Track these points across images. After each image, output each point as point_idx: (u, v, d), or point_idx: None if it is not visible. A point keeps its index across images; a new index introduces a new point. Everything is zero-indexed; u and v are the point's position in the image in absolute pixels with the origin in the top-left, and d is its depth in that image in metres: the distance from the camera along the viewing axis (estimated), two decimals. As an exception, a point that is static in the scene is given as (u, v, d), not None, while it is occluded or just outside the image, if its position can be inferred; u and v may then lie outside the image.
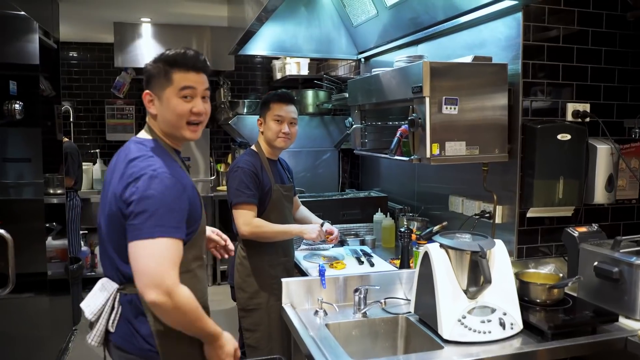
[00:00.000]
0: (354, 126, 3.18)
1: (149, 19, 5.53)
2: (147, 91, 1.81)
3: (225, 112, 5.18)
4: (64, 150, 4.77)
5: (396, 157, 2.57)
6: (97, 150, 6.64)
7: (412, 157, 2.48)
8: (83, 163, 5.70)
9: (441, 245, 2.00)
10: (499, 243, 2.03)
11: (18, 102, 2.74)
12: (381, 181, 4.20)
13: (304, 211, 3.18)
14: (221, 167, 6.38)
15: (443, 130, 2.38)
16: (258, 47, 4.24)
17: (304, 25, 4.22)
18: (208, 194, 5.83)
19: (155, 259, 1.59)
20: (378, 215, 3.45)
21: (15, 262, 2.40)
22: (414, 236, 2.55)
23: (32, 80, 3.31)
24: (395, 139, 2.50)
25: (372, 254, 3.06)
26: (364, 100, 3.09)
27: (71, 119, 6.40)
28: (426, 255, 2.01)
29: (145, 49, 5.77)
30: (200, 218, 1.83)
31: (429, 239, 2.53)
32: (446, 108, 2.36)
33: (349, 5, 3.95)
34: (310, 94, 4.73)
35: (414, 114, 2.42)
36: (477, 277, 1.96)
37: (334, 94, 4.13)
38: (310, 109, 4.72)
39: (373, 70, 3.00)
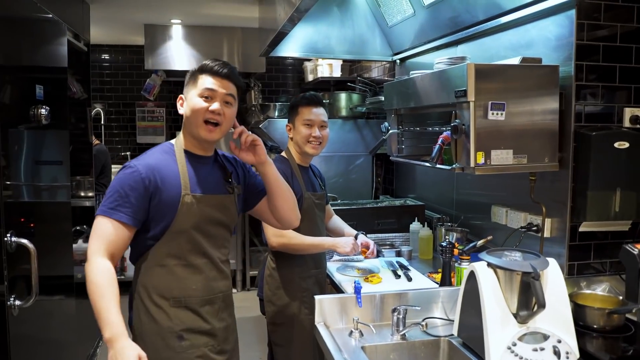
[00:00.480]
0: (391, 131, 3.02)
1: (179, 21, 5.46)
2: (181, 95, 2.00)
3: (256, 115, 5.07)
4: (94, 153, 4.73)
5: (438, 166, 2.40)
6: (128, 153, 6.61)
7: (455, 166, 2.31)
8: (113, 165, 5.66)
9: (489, 264, 1.83)
10: (552, 263, 1.85)
11: (44, 107, 2.66)
12: (417, 188, 4.03)
13: (337, 221, 3.04)
14: (251, 171, 6.26)
15: (489, 138, 2.21)
16: (290, 48, 4.13)
17: (337, 25, 4.11)
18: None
19: (92, 233, 1.82)
20: (415, 225, 3.28)
21: (38, 272, 2.31)
22: (456, 251, 2.38)
23: (60, 83, 3.25)
24: (437, 146, 2.34)
25: (409, 267, 2.90)
26: (401, 104, 2.93)
27: (102, 122, 6.38)
28: (472, 275, 1.85)
29: (176, 51, 5.70)
30: (173, 217, 1.88)
31: (473, 254, 2.36)
32: (492, 114, 2.18)
33: (384, 5, 3.81)
34: (343, 96, 4.58)
35: (456, 120, 2.25)
36: (528, 300, 1.78)
37: (368, 97, 3.98)
38: (344, 112, 4.56)
39: (411, 72, 2.84)
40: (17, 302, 2.30)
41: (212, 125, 1.91)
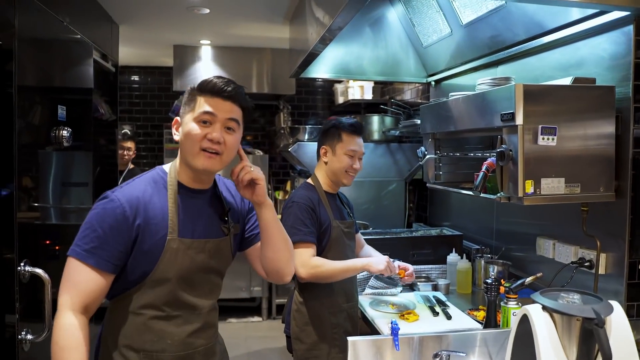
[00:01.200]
0: (427, 156, 2.84)
1: (208, 42, 5.39)
2: (176, 117, 1.73)
3: (285, 138, 4.93)
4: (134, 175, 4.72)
5: (482, 196, 2.21)
6: (155, 176, 6.52)
7: (500, 195, 2.13)
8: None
9: (544, 308, 1.63)
10: (617, 307, 1.64)
11: (66, 128, 2.55)
12: (452, 216, 3.83)
13: (368, 250, 2.86)
14: (279, 195, 6.14)
15: (538, 165, 2.02)
16: (320, 69, 4.01)
17: (369, 46, 3.98)
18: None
19: (62, 279, 1.56)
20: (452, 257, 3.08)
21: (51, 305, 2.17)
22: (502, 288, 2.18)
23: (85, 104, 3.15)
24: (481, 174, 2.15)
25: (448, 303, 2.69)
26: (440, 127, 2.76)
27: (129, 144, 6.31)
28: (525, 318, 1.65)
29: (205, 72, 5.63)
30: (154, 264, 1.61)
31: (521, 292, 2.16)
32: (542, 138, 2.00)
33: (419, 24, 3.66)
34: (375, 119, 4.42)
35: (503, 145, 2.07)
36: (590, 349, 1.57)
37: (402, 120, 3.81)
38: (376, 136, 4.40)
39: (451, 94, 2.67)
40: (29, 337, 2.16)
41: (211, 153, 1.65)
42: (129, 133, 5.26)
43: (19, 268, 2.14)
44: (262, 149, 6.36)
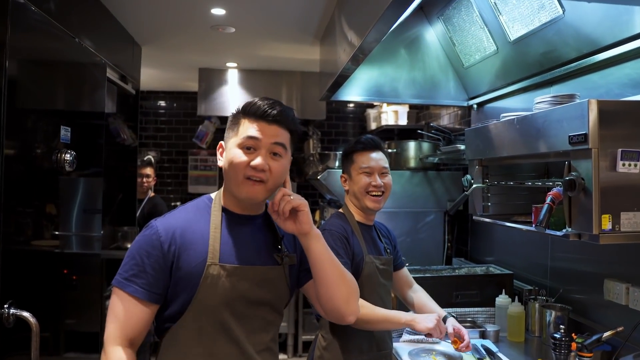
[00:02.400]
0: (474, 186, 2.52)
1: (235, 64, 5.19)
2: (221, 142, 1.65)
3: (314, 166, 4.66)
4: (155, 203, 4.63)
5: (548, 232, 1.87)
6: (178, 203, 6.32)
7: (568, 232, 1.79)
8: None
9: (640, 378, 1.29)
10: None
11: (69, 151, 2.31)
12: (497, 250, 3.47)
13: (421, 295, 2.51)
14: (308, 225, 5.84)
15: (617, 196, 1.69)
16: (352, 92, 3.77)
17: (405, 68, 3.72)
18: (292, 255, 5.27)
19: (108, 310, 1.52)
20: (502, 299, 2.72)
21: (39, 352, 1.90)
22: (574, 344, 1.83)
23: (96, 128, 2.93)
24: (545, 206, 1.82)
25: (499, 354, 2.33)
26: (488, 153, 2.44)
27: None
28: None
29: (231, 96, 5.42)
30: (194, 291, 1.50)
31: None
32: (623, 165, 1.67)
33: (460, 43, 3.38)
34: (412, 145, 4.11)
35: (572, 173, 1.75)
36: None
37: (441, 146, 3.50)
38: (412, 163, 4.08)
39: (502, 115, 2.36)
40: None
41: (255, 182, 1.52)
42: (149, 159, 5.06)
43: (2, 311, 1.89)
44: (291, 177, 6.08)
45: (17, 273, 2.06)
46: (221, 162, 1.60)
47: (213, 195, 1.66)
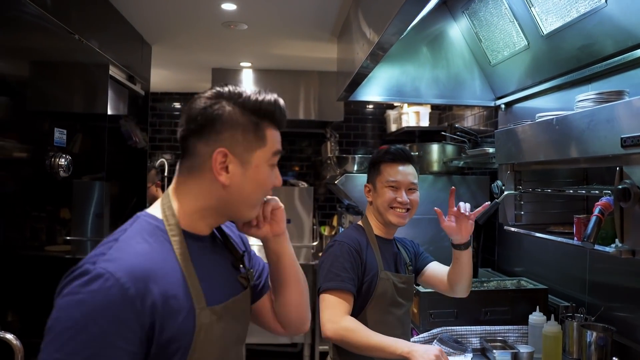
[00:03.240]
0: (506, 193, 2.29)
1: (249, 64, 5.01)
2: (223, 148, 1.18)
3: (332, 169, 4.45)
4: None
5: (597, 248, 1.64)
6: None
7: (620, 248, 1.57)
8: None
9: None
10: None
11: (64, 155, 2.13)
12: (527, 260, 3.23)
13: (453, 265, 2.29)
14: (325, 230, 5.64)
15: (680, 208, 1.46)
16: (371, 91, 3.56)
17: (427, 66, 3.52)
18: (309, 262, 5.07)
19: None
20: (536, 317, 2.48)
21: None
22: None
23: (98, 130, 2.76)
24: (593, 218, 1.59)
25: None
26: (523, 157, 2.21)
27: (166, 173, 5.98)
28: None
29: (246, 97, 5.23)
30: (186, 353, 1.11)
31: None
32: (686, 171, 1.44)
33: (487, 39, 3.15)
34: (435, 148, 3.88)
35: (626, 181, 1.52)
36: None
37: (467, 149, 3.27)
38: (435, 167, 3.84)
39: (538, 115, 2.13)
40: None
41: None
42: (151, 165, 4.91)
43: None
44: (307, 181, 5.91)
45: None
46: (225, 177, 1.19)
47: (155, 212, 1.22)
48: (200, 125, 1.18)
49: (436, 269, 2.33)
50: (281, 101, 1.27)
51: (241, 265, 1.35)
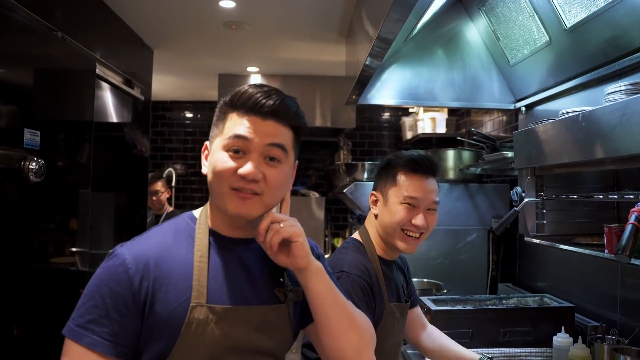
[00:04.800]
0: (526, 200, 2.06)
1: (256, 69, 4.85)
2: (205, 142, 1.31)
3: (342, 178, 4.25)
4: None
5: (633, 262, 1.40)
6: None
7: (660, 263, 1.33)
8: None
9: None
10: None
11: (36, 159, 1.95)
12: (551, 275, 2.97)
13: (439, 337, 2.06)
14: (338, 243, 5.42)
15: None
16: (384, 94, 3.37)
17: (442, 67, 3.32)
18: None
19: None
20: (561, 338, 2.23)
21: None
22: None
23: (82, 134, 2.58)
24: (629, 227, 1.35)
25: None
26: (545, 159, 1.97)
27: (173, 184, 5.83)
28: None
29: (253, 104, 5.08)
30: (173, 343, 1.13)
31: None
32: None
33: (506, 37, 2.94)
34: (451, 154, 3.65)
35: (667, 182, 1.28)
36: None
37: (485, 154, 3.04)
38: (451, 175, 3.61)
39: (561, 112, 1.91)
40: None
41: (242, 193, 1.18)
42: (158, 173, 4.76)
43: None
44: (321, 191, 5.71)
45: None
46: (205, 168, 1.26)
47: (197, 212, 1.29)
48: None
49: (416, 317, 2.07)
50: (260, 88, 1.22)
51: (281, 279, 1.28)
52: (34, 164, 1.93)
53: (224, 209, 1.21)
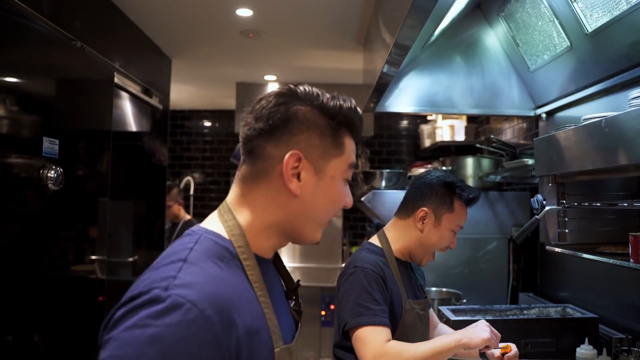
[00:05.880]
0: (547, 208, 2.02)
1: (274, 77, 4.86)
2: (295, 152, 1.03)
3: (360, 186, 4.22)
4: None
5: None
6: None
7: (689, 273, 1.28)
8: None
9: None
10: None
11: (55, 167, 1.96)
12: (574, 284, 2.91)
13: (447, 331, 2.10)
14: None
15: None
16: (402, 102, 3.34)
17: (461, 74, 3.29)
18: (339, 285, 4.82)
19: None
20: (585, 350, 2.17)
21: None
22: None
23: (100, 142, 2.60)
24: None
25: None
26: (567, 167, 1.92)
27: (191, 192, 5.84)
28: None
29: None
30: None
31: None
32: None
33: (525, 43, 2.90)
34: (470, 162, 3.60)
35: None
36: None
37: (504, 162, 3.00)
38: (470, 183, 3.56)
39: (583, 117, 1.86)
40: None
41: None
42: (168, 186, 4.79)
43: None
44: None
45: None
46: (297, 185, 1.03)
47: (216, 229, 1.03)
48: (272, 125, 1.03)
49: (431, 320, 2.13)
50: (359, 109, 1.12)
51: (294, 297, 1.20)
52: (52, 172, 1.94)
53: (304, 237, 1.10)
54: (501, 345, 1.79)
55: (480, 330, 1.67)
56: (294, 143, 1.03)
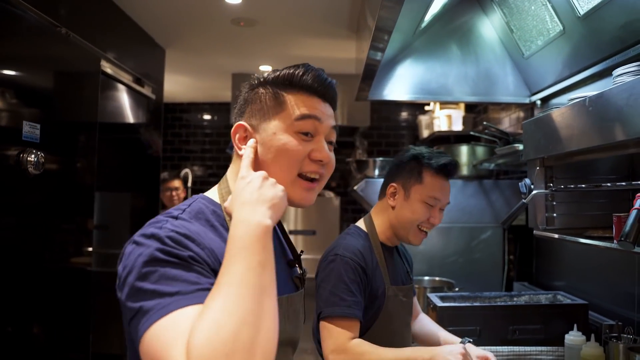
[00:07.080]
0: (534, 192, 1.98)
1: (269, 67, 4.82)
2: (241, 122, 1.17)
3: (353, 175, 4.19)
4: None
5: (638, 250, 1.32)
6: (224, 220, 6.02)
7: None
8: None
9: None
10: None
11: (36, 152, 1.94)
12: (568, 273, 2.87)
13: (427, 323, 2.07)
14: (355, 243, 5.35)
15: None
16: (396, 90, 3.30)
17: (455, 62, 3.26)
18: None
19: None
20: (574, 337, 2.14)
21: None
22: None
23: (87, 129, 2.57)
24: (633, 213, 1.27)
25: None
26: (553, 149, 1.89)
27: (189, 184, 5.82)
28: None
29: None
30: None
31: None
32: None
33: (519, 29, 2.86)
34: (464, 150, 3.56)
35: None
36: None
37: (498, 148, 2.96)
38: (465, 171, 3.52)
39: (569, 98, 1.83)
40: None
41: (310, 182, 1.16)
42: (176, 171, 4.76)
43: None
44: (338, 192, 5.65)
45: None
46: (247, 150, 1.12)
47: (214, 197, 1.18)
48: (239, 110, 1.20)
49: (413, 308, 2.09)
50: (311, 67, 1.18)
51: (297, 264, 1.27)
52: (32, 156, 1.92)
53: (289, 198, 1.13)
54: (479, 356, 1.75)
55: (451, 354, 1.60)
56: (246, 118, 1.17)
